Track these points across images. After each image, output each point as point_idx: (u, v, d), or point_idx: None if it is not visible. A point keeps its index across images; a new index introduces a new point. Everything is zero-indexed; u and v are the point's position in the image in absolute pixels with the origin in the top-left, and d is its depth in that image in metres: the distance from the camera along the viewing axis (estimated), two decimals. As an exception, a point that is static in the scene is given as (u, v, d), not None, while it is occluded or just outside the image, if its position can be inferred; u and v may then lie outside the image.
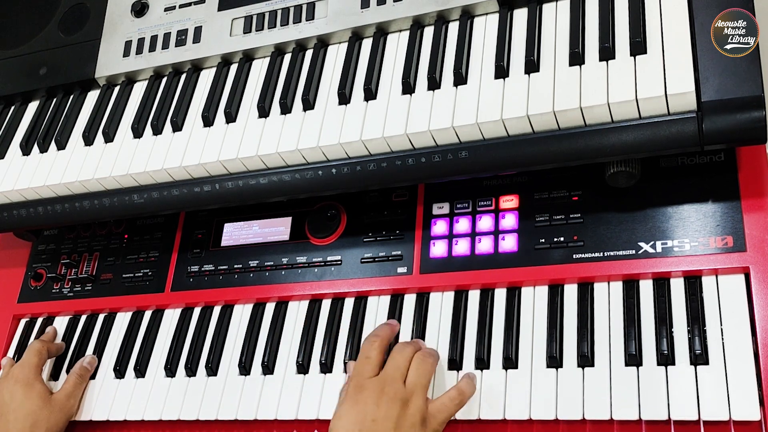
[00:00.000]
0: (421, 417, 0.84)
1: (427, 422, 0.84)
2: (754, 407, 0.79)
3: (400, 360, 0.88)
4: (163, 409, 1.05)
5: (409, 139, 0.88)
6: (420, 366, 0.88)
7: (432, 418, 0.85)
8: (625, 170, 0.88)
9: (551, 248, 0.95)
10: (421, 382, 0.87)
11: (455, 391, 0.88)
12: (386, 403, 0.83)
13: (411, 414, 0.84)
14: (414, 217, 1.04)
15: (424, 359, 0.89)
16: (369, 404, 0.84)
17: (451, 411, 0.87)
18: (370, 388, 0.85)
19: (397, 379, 0.86)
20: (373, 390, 0.85)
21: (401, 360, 0.88)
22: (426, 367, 0.88)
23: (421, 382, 0.87)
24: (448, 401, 0.87)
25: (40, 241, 1.27)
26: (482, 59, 0.90)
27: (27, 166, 1.10)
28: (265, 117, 0.98)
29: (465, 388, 0.88)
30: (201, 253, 1.15)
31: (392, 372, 0.87)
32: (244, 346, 1.05)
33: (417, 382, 0.86)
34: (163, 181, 1.01)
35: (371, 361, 0.88)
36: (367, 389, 0.85)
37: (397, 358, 0.89)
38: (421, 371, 0.87)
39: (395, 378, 0.86)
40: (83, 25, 1.16)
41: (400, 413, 0.83)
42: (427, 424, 0.84)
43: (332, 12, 1.00)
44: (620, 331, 0.88)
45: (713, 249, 0.88)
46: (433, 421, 0.85)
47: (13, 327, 1.23)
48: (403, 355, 0.89)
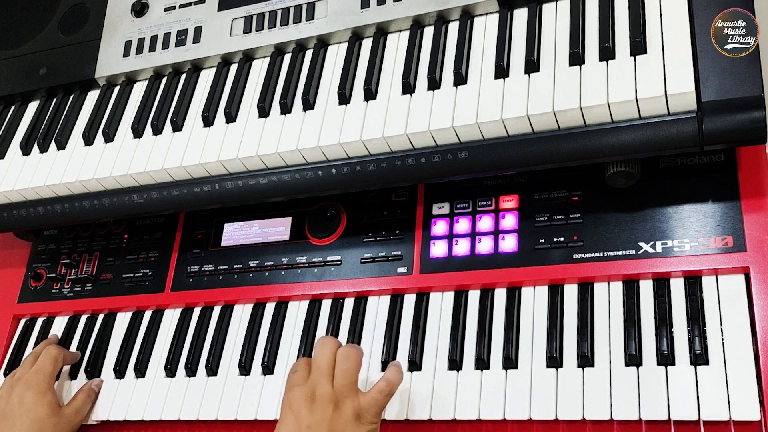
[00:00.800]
0: (354, 414, 0.85)
1: (361, 417, 0.85)
2: (754, 407, 0.79)
3: (321, 361, 0.88)
4: (163, 409, 1.05)
5: (409, 139, 0.88)
6: (344, 364, 0.88)
7: (365, 412, 0.86)
8: (625, 170, 0.88)
9: (551, 248, 0.95)
10: (348, 381, 0.87)
11: (383, 382, 0.88)
12: (319, 407, 0.84)
13: (344, 413, 0.85)
14: (414, 217, 1.04)
15: (347, 356, 0.88)
16: (302, 411, 0.85)
17: (382, 403, 0.87)
18: (300, 395, 0.86)
19: (322, 381, 0.86)
20: (303, 397, 0.86)
21: (322, 360, 0.88)
22: (350, 365, 0.88)
23: (349, 381, 0.87)
24: (377, 394, 0.87)
25: (40, 241, 1.27)
26: (482, 59, 0.90)
27: (27, 166, 1.10)
28: (265, 117, 0.98)
29: (392, 378, 0.88)
30: (201, 253, 1.15)
31: (317, 376, 0.87)
32: (244, 346, 1.05)
33: (344, 382, 0.87)
34: (163, 181, 1.01)
35: (299, 373, 0.89)
36: (297, 398, 0.86)
37: (317, 361, 0.88)
38: (345, 369, 0.87)
39: (320, 381, 0.86)
40: (83, 25, 1.16)
41: (333, 415, 0.84)
42: (361, 420, 0.85)
43: (332, 12, 1.00)
44: (620, 331, 0.88)
45: (713, 249, 0.87)
46: (366, 416, 0.86)
47: (13, 327, 1.23)
48: (323, 354, 0.89)
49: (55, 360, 1.07)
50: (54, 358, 1.07)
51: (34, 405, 1.02)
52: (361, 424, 0.85)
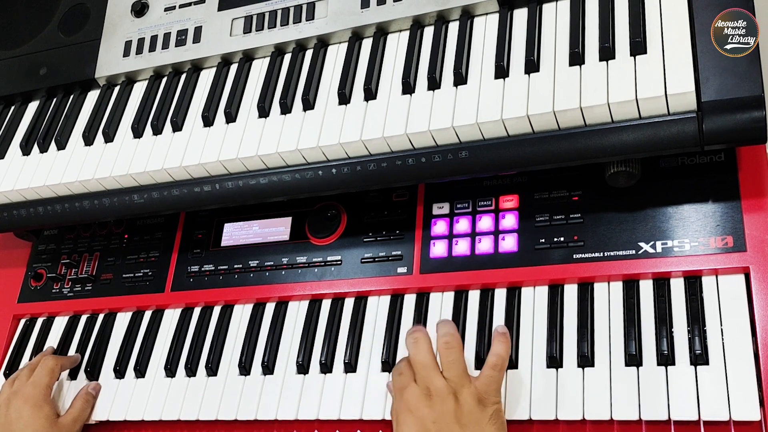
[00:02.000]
0: (475, 400, 0.83)
1: (483, 401, 0.83)
2: (754, 407, 0.79)
3: (422, 357, 0.86)
4: (163, 410, 1.05)
5: (409, 139, 0.88)
6: (448, 353, 0.86)
7: (485, 394, 0.84)
8: (625, 170, 0.88)
9: (551, 248, 0.95)
10: (458, 370, 0.85)
11: (493, 357, 0.86)
12: (438, 402, 0.82)
13: (465, 402, 0.82)
14: (414, 217, 1.04)
15: (448, 345, 0.87)
16: (422, 409, 0.83)
17: (498, 378, 0.85)
18: (415, 395, 0.84)
19: (432, 376, 0.85)
20: (419, 396, 0.84)
21: (423, 356, 0.86)
22: (455, 352, 0.86)
23: (459, 370, 0.85)
24: (491, 371, 0.85)
25: (40, 241, 1.27)
26: (482, 59, 0.90)
27: (27, 166, 1.10)
28: (265, 117, 0.98)
29: (500, 350, 0.87)
30: (201, 253, 1.15)
31: (425, 372, 0.85)
32: (244, 346, 1.05)
33: (455, 373, 0.85)
34: (163, 181, 1.01)
35: (404, 375, 0.87)
36: (413, 398, 0.84)
37: (417, 358, 0.87)
38: (452, 357, 0.86)
39: (431, 376, 0.85)
40: (83, 25, 1.16)
41: (455, 405, 0.82)
42: (484, 403, 0.83)
43: (332, 12, 1.00)
44: (620, 331, 0.88)
45: (713, 249, 0.87)
46: (487, 397, 0.84)
47: (13, 327, 1.23)
48: (420, 351, 0.87)
49: (51, 371, 1.07)
50: (51, 370, 1.07)
51: (31, 419, 1.03)
52: (484, 407, 0.83)
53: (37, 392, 1.05)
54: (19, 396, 1.05)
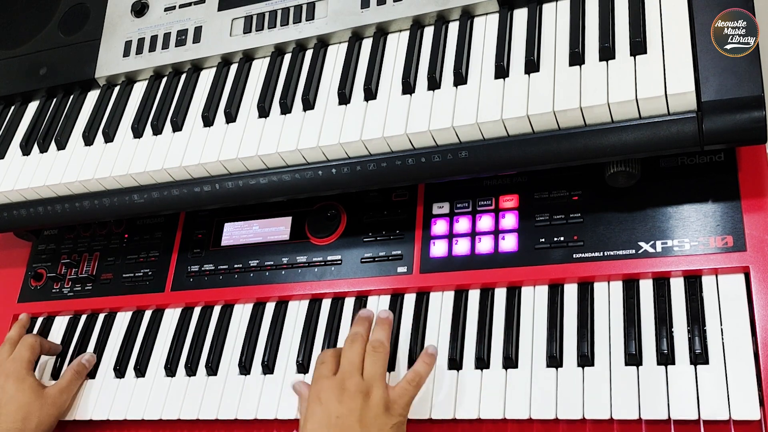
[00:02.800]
0: (383, 405, 0.86)
1: (390, 409, 0.86)
2: (754, 407, 0.79)
3: (351, 356, 0.90)
4: (163, 409, 1.05)
5: (409, 139, 0.88)
6: (373, 357, 0.90)
7: (394, 404, 0.87)
8: (625, 170, 0.88)
9: (551, 248, 0.95)
10: (378, 372, 0.88)
11: (412, 373, 0.89)
12: (348, 399, 0.85)
13: (374, 404, 0.86)
14: (414, 217, 1.04)
15: (375, 351, 0.90)
16: (332, 402, 0.86)
17: (412, 393, 0.89)
18: (330, 387, 0.87)
19: (354, 373, 0.88)
20: (333, 389, 0.87)
21: (353, 355, 0.90)
22: (379, 357, 0.90)
23: (378, 372, 0.88)
24: (406, 384, 0.88)
25: (40, 241, 1.27)
26: (482, 59, 0.90)
27: (27, 166, 1.10)
28: (265, 117, 0.98)
29: (421, 369, 0.90)
30: (201, 253, 1.15)
31: (348, 368, 0.89)
32: (244, 345, 1.05)
33: (373, 373, 0.88)
34: (163, 181, 1.01)
35: (327, 364, 0.90)
36: (327, 389, 0.87)
37: (348, 355, 0.90)
38: (374, 362, 0.89)
39: (352, 373, 0.88)
40: (83, 25, 1.16)
41: (362, 405, 0.85)
42: (390, 411, 0.86)
43: (332, 12, 1.00)
44: (620, 331, 0.88)
45: (713, 249, 0.88)
46: (395, 407, 0.87)
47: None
48: (353, 351, 0.90)
49: (31, 347, 1.10)
50: (30, 345, 1.10)
51: (16, 392, 1.04)
52: (390, 415, 0.86)
53: (19, 366, 1.06)
54: (1, 373, 1.06)
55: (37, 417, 1.03)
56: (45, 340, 1.14)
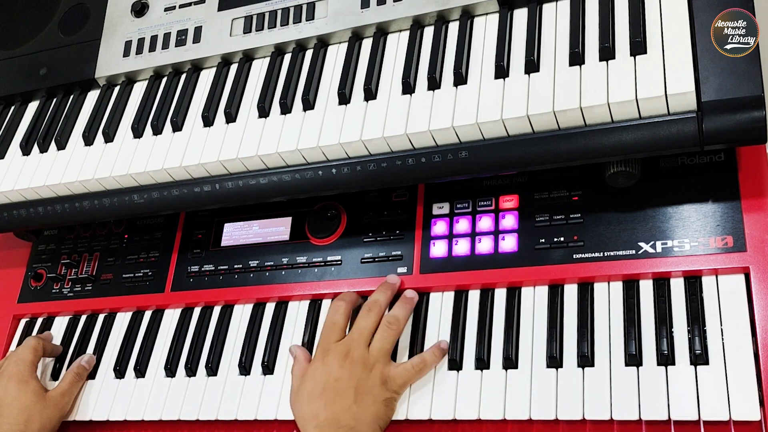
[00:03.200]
0: (381, 379, 0.90)
1: (387, 384, 0.90)
2: (754, 407, 0.79)
3: (364, 325, 0.93)
4: (163, 409, 1.05)
5: (409, 139, 0.88)
6: (384, 332, 0.93)
7: (392, 380, 0.90)
8: (625, 170, 0.88)
9: (551, 248, 0.95)
10: (384, 347, 0.92)
11: (418, 358, 0.92)
12: (350, 365, 0.89)
13: (373, 376, 0.89)
14: (414, 217, 1.04)
15: (389, 326, 0.93)
16: (334, 365, 0.89)
17: (412, 377, 0.91)
18: (335, 351, 0.91)
19: (361, 343, 0.91)
20: (338, 353, 0.91)
21: (366, 325, 0.93)
22: (390, 334, 0.93)
23: (385, 348, 0.92)
24: (410, 367, 0.91)
25: (40, 241, 1.28)
26: (482, 59, 0.90)
27: (27, 166, 1.10)
28: (265, 117, 0.98)
29: (428, 358, 0.92)
30: (201, 253, 1.15)
31: (357, 337, 0.92)
32: (244, 346, 1.05)
33: (381, 347, 0.92)
34: (163, 181, 1.01)
35: (337, 326, 0.94)
36: (332, 352, 0.91)
37: (361, 323, 0.93)
38: (385, 337, 0.92)
39: (360, 343, 0.91)
40: (83, 25, 1.16)
41: (362, 375, 0.89)
42: (387, 386, 0.90)
43: (332, 12, 1.00)
44: (620, 331, 0.88)
45: (713, 249, 0.87)
46: (392, 384, 0.90)
47: (13, 327, 1.23)
48: (368, 320, 0.93)
49: (34, 349, 1.09)
50: (33, 348, 1.09)
51: (19, 393, 1.04)
52: (386, 389, 0.89)
53: (22, 368, 1.06)
54: (4, 374, 1.06)
55: (39, 420, 1.03)
56: (47, 341, 1.14)
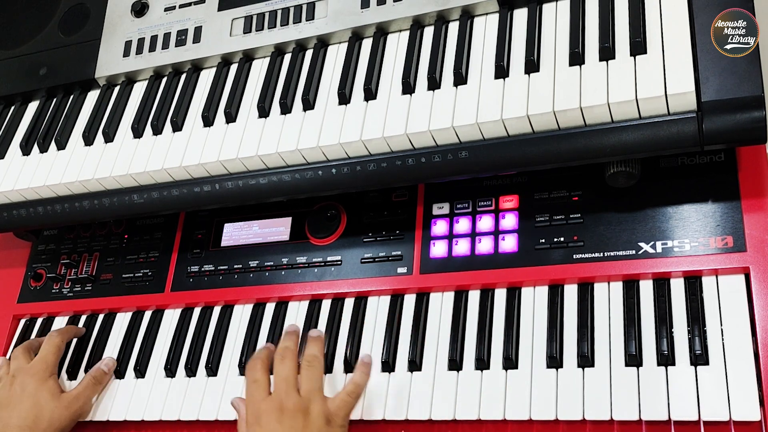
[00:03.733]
0: (324, 419, 0.86)
1: (331, 422, 0.87)
2: (754, 407, 0.79)
3: (286, 373, 0.90)
4: (163, 410, 1.05)
5: (409, 139, 0.88)
6: (309, 372, 0.90)
7: (335, 416, 0.88)
8: (625, 170, 0.88)
9: (551, 248, 0.95)
10: (314, 386, 0.89)
11: (351, 385, 0.91)
12: (288, 419, 0.85)
13: (314, 419, 0.86)
14: (414, 217, 1.04)
15: (310, 366, 0.91)
16: (272, 424, 0.85)
17: (351, 405, 0.90)
18: (267, 410, 0.87)
19: (290, 391, 0.88)
20: (271, 410, 0.87)
21: (287, 372, 0.90)
22: (314, 372, 0.90)
23: (315, 387, 0.89)
24: (346, 396, 0.89)
25: (40, 241, 1.27)
26: (482, 59, 0.90)
27: (27, 166, 1.10)
28: (265, 117, 0.98)
29: (359, 380, 0.91)
30: (201, 253, 1.15)
31: (283, 386, 0.89)
32: (244, 346, 1.05)
33: (311, 387, 0.89)
34: (163, 181, 1.01)
35: (260, 384, 0.90)
36: (265, 412, 0.87)
37: (282, 372, 0.90)
38: (310, 377, 0.90)
39: (288, 391, 0.88)
40: (83, 25, 1.16)
41: (303, 423, 0.85)
42: (332, 424, 0.87)
43: (332, 12, 1.00)
44: (620, 331, 0.88)
45: (713, 249, 0.87)
46: (336, 419, 0.88)
47: (13, 327, 1.23)
48: (286, 366, 0.90)
49: (58, 348, 1.09)
50: (57, 347, 1.09)
51: (35, 390, 1.04)
52: (330, 427, 0.87)
53: (44, 367, 1.06)
54: (24, 371, 1.06)
55: (47, 419, 1.03)
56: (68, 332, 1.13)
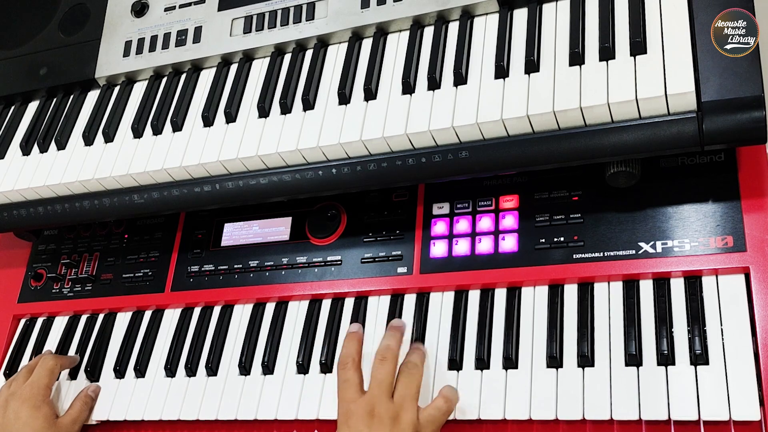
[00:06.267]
0: (413, 429, 0.84)
1: None
2: (754, 407, 0.79)
3: (382, 377, 0.88)
4: (163, 409, 1.05)
5: (409, 139, 0.88)
6: (407, 378, 0.88)
7: (423, 428, 0.85)
8: (625, 170, 0.88)
9: (551, 248, 0.95)
10: (410, 393, 0.87)
11: (442, 400, 0.88)
12: (377, 425, 0.84)
13: (403, 428, 0.84)
14: (414, 217, 1.04)
15: (410, 370, 0.89)
16: (359, 427, 0.84)
17: (440, 421, 0.87)
18: (358, 412, 0.85)
19: (383, 397, 0.86)
20: (361, 414, 0.85)
21: (384, 377, 0.88)
22: (414, 379, 0.88)
23: (411, 394, 0.87)
24: (436, 411, 0.87)
25: (40, 241, 1.27)
26: (482, 59, 0.90)
27: (27, 166, 1.10)
28: (265, 117, 0.98)
29: (451, 396, 0.89)
30: (201, 253, 1.15)
31: (377, 391, 0.87)
32: (244, 346, 1.05)
33: (406, 394, 0.87)
34: (163, 181, 1.01)
35: (351, 384, 0.88)
36: (355, 414, 0.85)
37: (379, 375, 0.88)
38: (408, 382, 0.88)
39: (381, 396, 0.86)
40: (83, 25, 1.16)
41: (391, 430, 0.83)
42: None
43: (332, 12, 1.00)
44: (620, 331, 0.88)
45: (713, 249, 0.87)
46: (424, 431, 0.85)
47: (13, 327, 1.23)
48: (385, 371, 0.88)
49: (51, 372, 1.07)
50: (50, 370, 1.07)
51: (30, 419, 1.02)
52: None
53: (36, 392, 1.04)
54: (17, 396, 1.04)
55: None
56: (64, 358, 1.12)
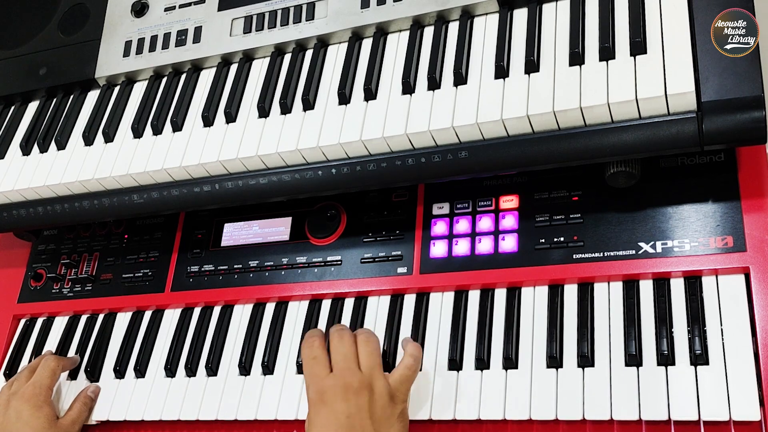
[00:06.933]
0: (388, 395, 0.86)
1: (394, 397, 0.87)
2: (754, 407, 0.79)
3: (344, 348, 0.90)
4: (163, 409, 1.05)
5: (409, 139, 0.88)
6: (366, 348, 0.90)
7: (397, 391, 0.88)
8: (625, 170, 0.88)
9: (551, 248, 0.95)
10: (374, 363, 0.89)
11: (408, 358, 0.90)
12: (354, 396, 0.85)
13: (379, 396, 0.86)
14: (414, 217, 1.04)
15: (367, 339, 0.91)
16: (337, 402, 0.85)
17: (411, 378, 0.89)
18: (332, 388, 0.86)
19: (353, 368, 0.87)
20: (337, 389, 0.86)
21: (346, 348, 0.90)
22: (373, 346, 0.90)
23: (376, 362, 0.89)
24: (405, 370, 0.89)
25: (40, 241, 1.27)
26: (482, 59, 0.90)
27: (27, 166, 1.10)
28: (265, 117, 0.98)
29: (416, 352, 0.90)
30: (201, 253, 1.15)
31: (344, 363, 0.88)
32: (244, 346, 1.05)
33: (371, 364, 0.88)
34: (163, 181, 1.01)
35: (320, 360, 0.90)
36: (329, 389, 0.86)
37: (340, 348, 0.90)
38: (370, 352, 0.90)
39: (351, 368, 0.87)
40: (83, 25, 1.16)
41: (369, 400, 0.85)
42: (395, 399, 0.87)
43: (332, 12, 1.00)
44: (620, 331, 0.88)
45: (713, 249, 0.87)
46: (399, 394, 0.88)
47: (13, 327, 1.23)
48: (344, 342, 0.90)
49: (53, 372, 1.07)
50: (52, 371, 1.07)
51: (31, 418, 1.02)
52: (395, 404, 0.87)
53: (38, 392, 1.04)
54: (18, 396, 1.04)
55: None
56: (66, 359, 1.12)
